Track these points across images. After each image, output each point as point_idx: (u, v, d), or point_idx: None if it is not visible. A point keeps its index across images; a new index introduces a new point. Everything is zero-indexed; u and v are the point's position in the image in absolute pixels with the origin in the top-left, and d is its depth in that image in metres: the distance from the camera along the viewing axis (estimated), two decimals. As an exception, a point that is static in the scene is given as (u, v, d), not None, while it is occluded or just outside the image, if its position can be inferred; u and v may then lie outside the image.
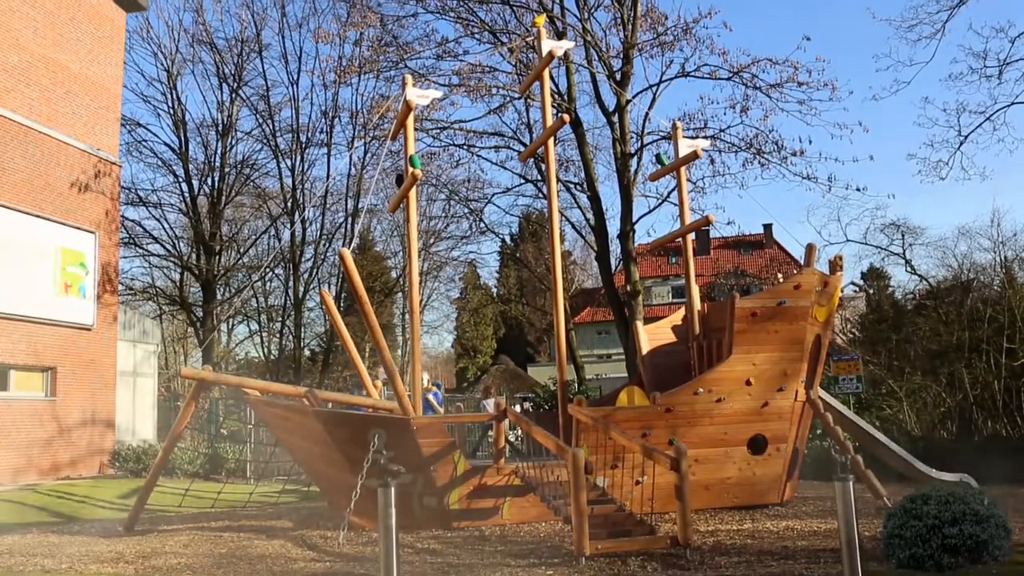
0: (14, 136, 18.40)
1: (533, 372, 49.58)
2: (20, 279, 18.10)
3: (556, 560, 9.30)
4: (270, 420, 13.07)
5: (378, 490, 4.97)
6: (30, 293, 18.37)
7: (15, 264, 17.96)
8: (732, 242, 51.52)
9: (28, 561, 9.95)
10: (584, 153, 24.23)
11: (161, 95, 34.53)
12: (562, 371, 13.69)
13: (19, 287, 18.06)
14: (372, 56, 24.02)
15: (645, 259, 37.44)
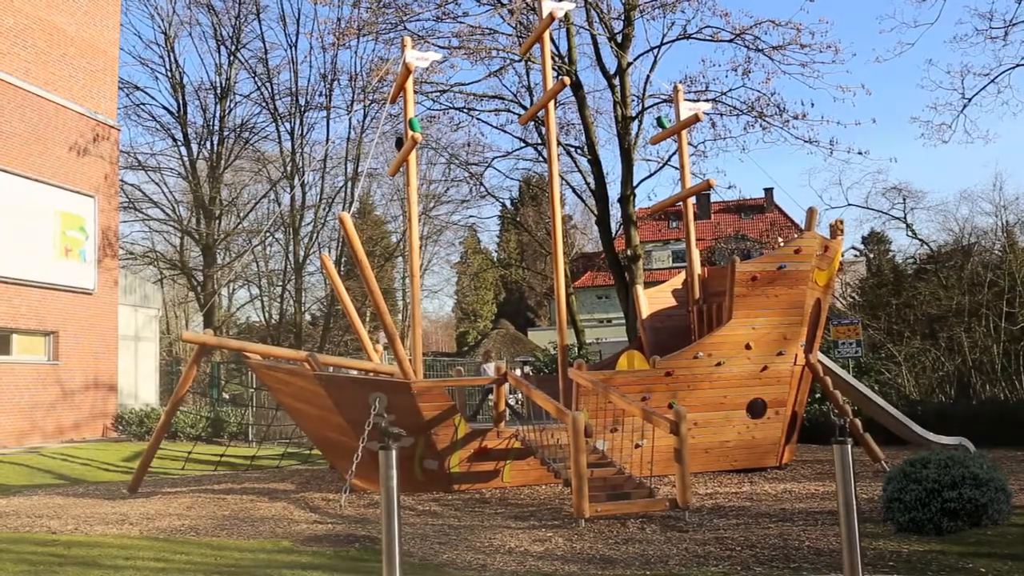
0: (11, 99, 18.28)
1: (533, 336, 49.67)
2: (20, 243, 18.09)
3: (556, 522, 9.40)
4: (271, 384, 13.12)
5: (379, 453, 5.00)
6: (31, 257, 18.37)
7: (15, 228, 17.94)
8: (733, 206, 51.38)
9: (35, 522, 10.05)
10: (585, 116, 24.07)
11: (159, 58, 34.32)
12: (562, 335, 13.73)
13: (19, 251, 18.05)
14: (371, 18, 23.74)
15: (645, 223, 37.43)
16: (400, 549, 4.87)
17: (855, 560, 5.08)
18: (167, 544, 8.54)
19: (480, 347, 46.47)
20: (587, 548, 7.97)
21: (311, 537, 8.76)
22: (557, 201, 14.03)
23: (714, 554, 7.51)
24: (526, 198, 47.32)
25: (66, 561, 7.62)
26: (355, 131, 33.82)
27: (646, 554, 7.63)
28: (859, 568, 5.08)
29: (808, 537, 8.07)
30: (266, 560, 7.65)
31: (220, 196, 34.93)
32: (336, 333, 36.86)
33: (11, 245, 17.81)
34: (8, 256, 17.70)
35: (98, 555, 7.89)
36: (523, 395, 13.50)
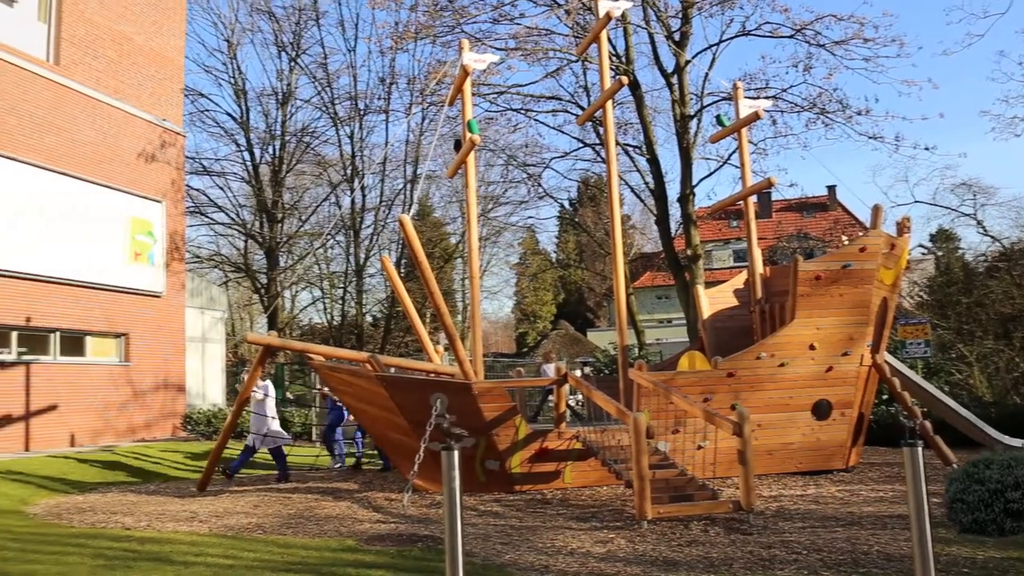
0: (83, 108, 18.85)
1: (593, 337, 49.51)
2: (93, 248, 18.63)
3: (618, 524, 9.35)
4: (335, 384, 13.30)
5: (441, 453, 5.02)
6: (102, 262, 18.90)
7: (87, 233, 18.48)
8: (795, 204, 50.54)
9: (109, 518, 10.36)
10: (643, 116, 23.92)
11: (222, 65, 35.06)
12: (622, 336, 13.66)
13: (92, 256, 18.60)
14: (428, 21, 23.92)
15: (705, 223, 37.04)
16: (462, 549, 4.90)
17: (928, 566, 4.95)
18: (235, 541, 8.71)
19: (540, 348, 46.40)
20: (650, 550, 7.92)
21: (374, 536, 8.85)
22: (616, 201, 13.97)
23: (780, 557, 7.40)
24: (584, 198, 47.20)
25: (139, 556, 7.83)
26: (414, 134, 34.08)
27: (709, 556, 7.55)
28: (932, 575, 4.96)
29: (877, 541, 7.90)
30: (331, 558, 7.75)
31: (282, 200, 35.48)
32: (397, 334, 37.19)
33: (84, 250, 18.35)
34: (81, 261, 18.24)
35: (169, 551, 8.09)
36: (583, 396, 13.47)
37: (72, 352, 18.37)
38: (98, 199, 18.92)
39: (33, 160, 17.34)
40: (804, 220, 50.31)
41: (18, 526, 9.94)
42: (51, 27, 18.55)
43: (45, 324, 17.39)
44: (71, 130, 18.45)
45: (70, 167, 18.27)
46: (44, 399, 17.19)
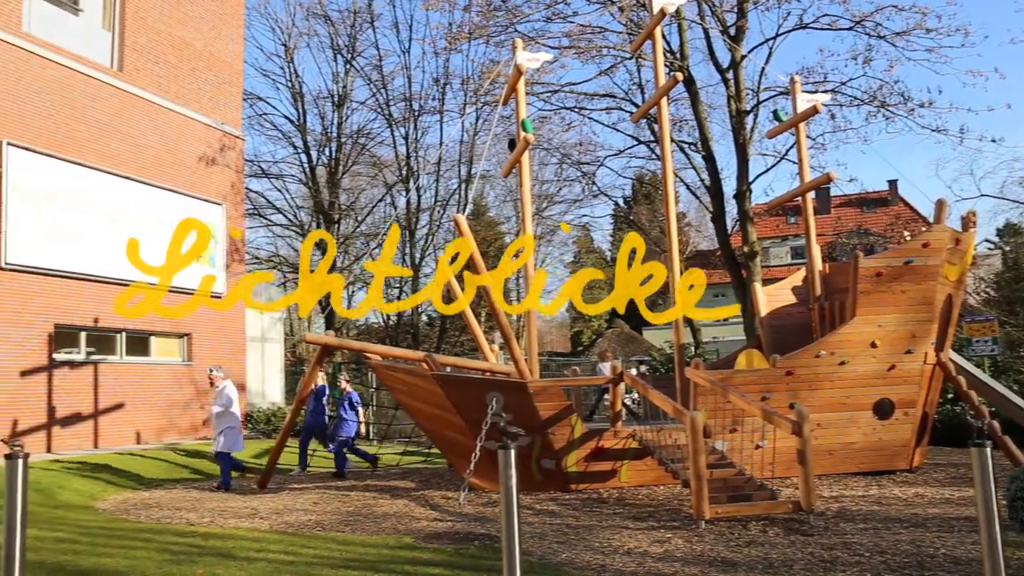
0: (145, 114, 19.31)
1: (648, 336, 49.17)
2: (156, 251, 19.04)
3: (675, 523, 9.29)
4: (391, 384, 13.43)
5: (498, 452, 5.04)
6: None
7: (150, 236, 18.91)
8: (855, 200, 49.62)
9: (174, 514, 10.61)
10: (698, 112, 23.71)
11: (279, 69, 35.61)
12: (678, 334, 13.56)
13: (155, 258, 19.01)
14: (482, 21, 24.03)
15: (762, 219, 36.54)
16: (519, 548, 4.91)
17: (998, 570, 4.82)
18: (295, 538, 8.85)
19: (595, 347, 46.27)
20: (707, 550, 7.84)
21: (431, 534, 8.92)
22: (671, 198, 13.88)
23: (841, 559, 7.27)
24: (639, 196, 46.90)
25: (203, 552, 8.00)
26: (468, 134, 34.28)
27: (769, 557, 7.45)
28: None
29: (943, 544, 7.72)
30: (388, 556, 7.83)
31: (339, 201, 35.95)
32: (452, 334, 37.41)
33: (147, 252, 18.76)
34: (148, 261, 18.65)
35: (232, 547, 8.25)
36: (640, 395, 13.40)
37: (137, 352, 18.85)
38: (160, 202, 19.36)
39: (99, 165, 17.82)
40: (864, 216, 49.33)
41: (88, 520, 10.24)
42: (115, 35, 19.04)
43: (112, 325, 17.86)
44: (135, 135, 18.92)
45: (134, 171, 18.73)
46: (111, 398, 17.66)
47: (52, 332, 16.47)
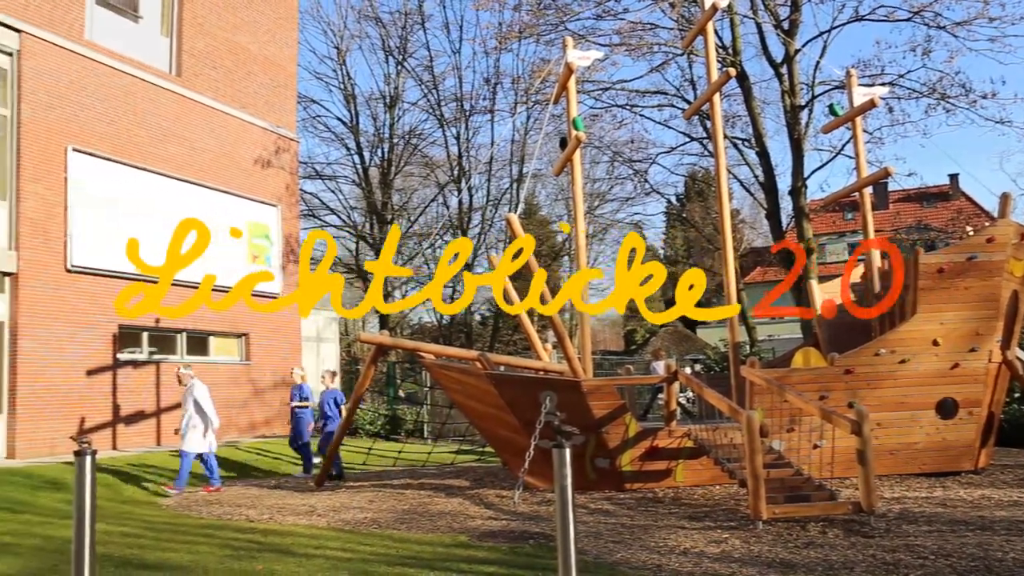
0: (203, 118, 19.69)
1: (703, 334, 48.76)
2: (215, 252, 19.42)
3: (732, 524, 9.19)
4: (445, 382, 13.51)
5: (553, 451, 5.05)
6: (224, 265, 19.68)
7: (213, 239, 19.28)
8: (914, 194, 48.54)
9: (234, 511, 10.81)
10: (751, 107, 23.43)
11: (332, 71, 36.09)
12: (733, 332, 13.42)
13: (214, 259, 19.38)
14: (532, 20, 24.04)
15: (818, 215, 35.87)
16: (574, 547, 4.91)
17: (1067, 573, 4.68)
18: (352, 535, 8.96)
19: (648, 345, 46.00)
20: (765, 551, 7.74)
21: (486, 533, 8.96)
22: (725, 195, 13.73)
23: (905, 562, 7.12)
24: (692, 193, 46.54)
25: (263, 548, 8.14)
26: (519, 133, 34.34)
27: (829, 559, 7.33)
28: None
29: (1012, 548, 7.51)
30: (444, 554, 7.88)
31: (391, 201, 36.27)
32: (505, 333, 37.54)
33: (206, 253, 19.13)
34: (205, 264, 19.02)
35: (291, 543, 8.38)
36: (694, 393, 13.29)
37: (197, 351, 19.24)
38: (218, 205, 19.73)
39: (159, 169, 18.22)
40: (924, 210, 48.23)
41: (152, 516, 10.48)
42: (173, 41, 19.45)
43: (172, 325, 18.25)
44: (192, 139, 19.30)
45: (192, 174, 19.12)
46: (172, 396, 18.04)
47: (116, 332, 16.89)
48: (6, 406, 14.95)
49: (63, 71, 16.32)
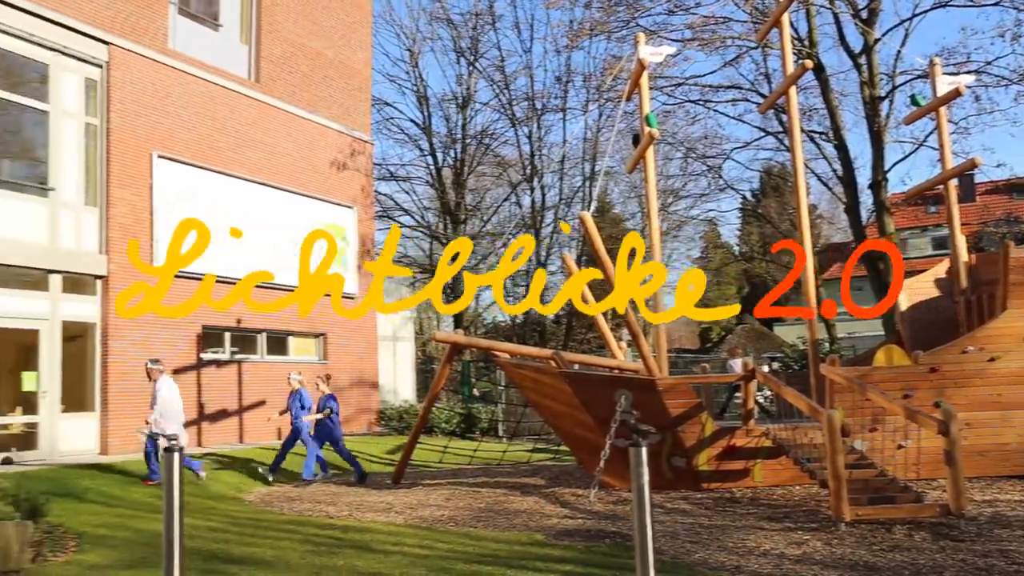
0: (281, 123, 20.12)
1: (780, 332, 47.84)
2: (292, 254, 19.85)
3: (813, 525, 9.00)
4: (520, 381, 13.54)
5: (630, 450, 5.01)
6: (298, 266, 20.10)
7: (288, 240, 19.71)
8: (1003, 186, 46.68)
9: (315, 507, 11.04)
10: (828, 100, 22.91)
11: (405, 74, 36.42)
12: (812, 330, 13.15)
13: (292, 261, 19.81)
14: (603, 17, 23.93)
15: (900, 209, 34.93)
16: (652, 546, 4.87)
17: None
18: (429, 533, 9.06)
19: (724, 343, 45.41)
20: (848, 554, 7.57)
21: (562, 531, 8.96)
22: (802, 190, 13.47)
23: (998, 568, 6.88)
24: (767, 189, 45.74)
25: (343, 544, 8.29)
26: (591, 131, 34.20)
27: (916, 563, 7.12)
28: None
29: (1110, 552, 7.20)
30: (520, 552, 7.91)
31: (464, 201, 36.49)
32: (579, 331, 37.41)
33: (285, 256, 19.58)
34: (284, 266, 19.47)
35: (369, 539, 8.52)
36: (772, 392, 13.06)
37: (277, 351, 19.68)
38: (296, 207, 20.14)
39: (238, 173, 18.68)
40: (1014, 203, 46.40)
41: (236, 512, 10.77)
42: (251, 48, 19.92)
43: (253, 326, 18.71)
44: (271, 144, 19.75)
45: (270, 178, 19.55)
46: (254, 395, 18.50)
47: (200, 333, 17.38)
48: (99, 404, 15.53)
49: (148, 80, 16.87)
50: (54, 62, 15.37)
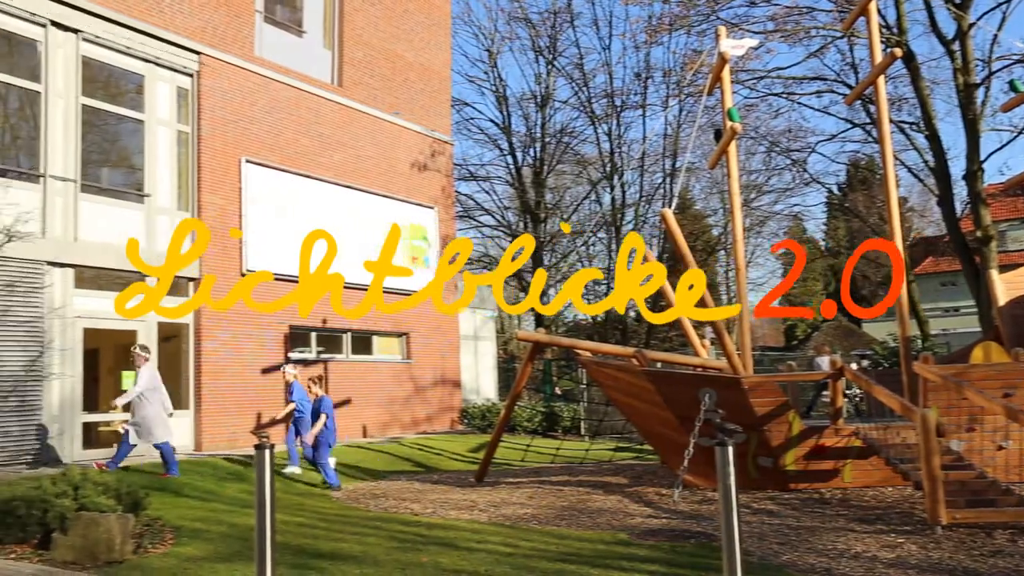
0: (364, 126, 20.47)
1: (869, 328, 46.55)
2: (375, 254, 20.16)
3: (907, 528, 8.73)
4: (601, 380, 13.49)
5: (715, 449, 4.95)
6: (384, 267, 20.42)
7: (371, 241, 20.03)
8: (1110, 174, 44.50)
9: (399, 504, 11.19)
10: (919, 89, 22.16)
11: (484, 74, 36.65)
12: (904, 326, 12.75)
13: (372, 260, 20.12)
14: (682, 11, 23.66)
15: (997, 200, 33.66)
16: (740, 547, 4.80)
17: None
18: (512, 531, 9.09)
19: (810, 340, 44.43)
20: (946, 558, 7.31)
21: (647, 531, 8.89)
22: (892, 182, 13.06)
23: (1106, 573, 6.57)
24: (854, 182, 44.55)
25: (428, 540, 8.38)
26: (671, 127, 33.85)
27: (1020, 570, 6.84)
28: None
29: None
30: (604, 551, 7.88)
31: (544, 200, 36.52)
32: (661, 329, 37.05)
33: (369, 256, 19.90)
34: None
35: (454, 537, 8.59)
36: (862, 391, 12.71)
37: (361, 351, 20.01)
38: (378, 209, 20.45)
39: (323, 176, 19.06)
40: (1120, 191, 44.18)
41: (324, 508, 10.99)
42: (334, 52, 20.31)
43: (338, 325, 19.07)
44: (354, 146, 20.10)
45: (353, 180, 19.90)
46: (339, 394, 18.84)
47: (287, 332, 17.80)
48: (193, 402, 16.04)
49: (236, 87, 17.35)
50: (149, 73, 15.93)
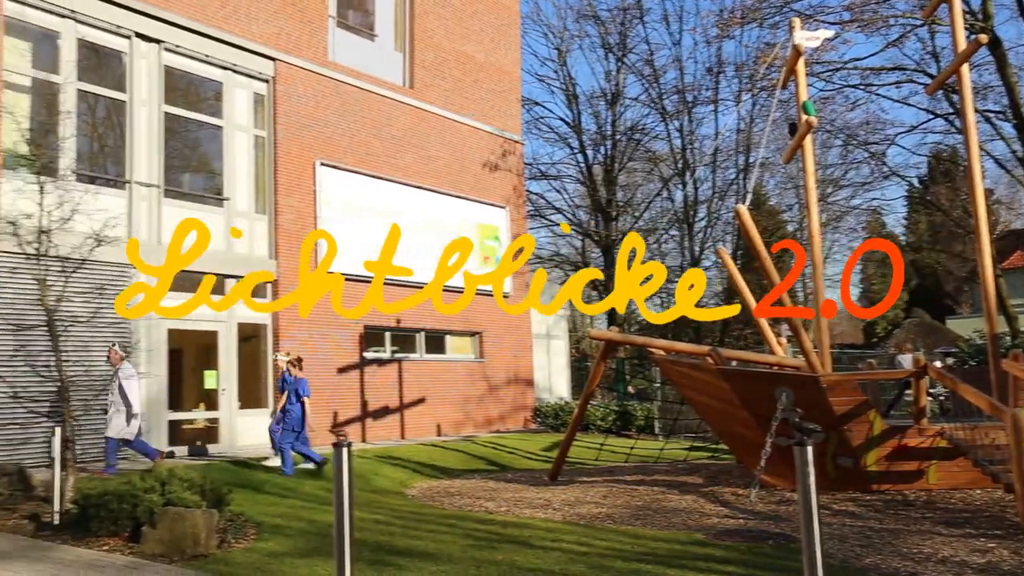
0: (435, 127, 20.66)
1: (952, 325, 45.05)
2: (448, 254, 20.33)
3: (998, 532, 8.44)
4: (676, 378, 13.36)
5: (794, 449, 4.86)
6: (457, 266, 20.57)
7: (443, 241, 20.21)
8: None
9: (474, 502, 11.28)
10: (1006, 76, 21.37)
11: (553, 72, 36.53)
12: (992, 322, 12.30)
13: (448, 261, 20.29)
14: (754, 4, 23.27)
15: (1091, 190, 32.17)
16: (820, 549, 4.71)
17: None
18: (587, 530, 9.07)
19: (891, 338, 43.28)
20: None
21: (723, 531, 8.78)
22: (977, 174, 12.62)
23: None
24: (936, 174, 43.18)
25: (502, 539, 8.42)
26: (744, 122, 33.32)
27: (1117, 575, 6.57)
28: None
29: None
30: (680, 551, 7.81)
31: (616, 198, 36.32)
32: (735, 327, 36.55)
33: (437, 255, 20.07)
34: (439, 266, 19.96)
35: (528, 535, 8.61)
36: (948, 389, 12.34)
37: (435, 350, 20.21)
38: (450, 209, 20.62)
39: (395, 177, 19.30)
40: None
41: (400, 505, 11.13)
42: (405, 55, 20.54)
43: (412, 325, 19.29)
44: (425, 148, 20.31)
45: (425, 181, 20.11)
46: (414, 392, 19.08)
47: (362, 332, 18.07)
48: (271, 402, 16.40)
49: (310, 92, 17.69)
50: (227, 80, 16.35)
